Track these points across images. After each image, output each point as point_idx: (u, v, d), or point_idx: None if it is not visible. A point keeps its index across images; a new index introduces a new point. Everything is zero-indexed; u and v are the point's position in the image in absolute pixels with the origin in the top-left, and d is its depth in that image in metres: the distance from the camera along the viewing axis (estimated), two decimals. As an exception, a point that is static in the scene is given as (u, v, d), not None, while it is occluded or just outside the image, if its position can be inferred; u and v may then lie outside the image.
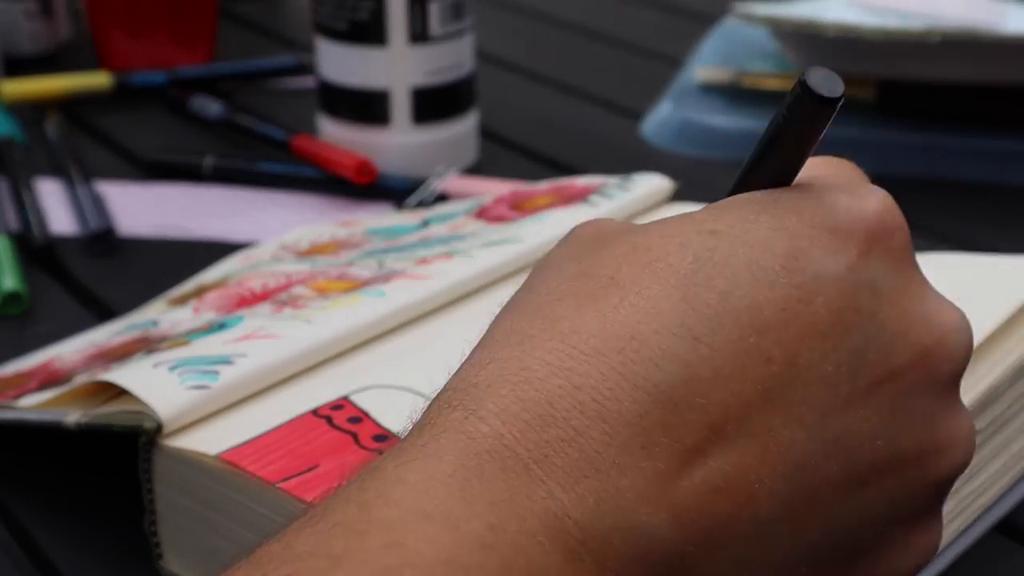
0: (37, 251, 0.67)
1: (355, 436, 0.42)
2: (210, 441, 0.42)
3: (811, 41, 0.77)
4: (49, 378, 0.50)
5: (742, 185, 0.33)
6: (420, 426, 0.30)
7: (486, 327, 0.32)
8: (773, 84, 0.80)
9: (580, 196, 0.57)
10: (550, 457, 0.28)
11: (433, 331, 0.48)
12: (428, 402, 0.31)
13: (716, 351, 0.29)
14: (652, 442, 0.28)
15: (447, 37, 0.72)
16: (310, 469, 0.40)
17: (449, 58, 0.73)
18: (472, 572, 0.26)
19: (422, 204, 0.70)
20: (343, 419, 0.42)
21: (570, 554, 0.27)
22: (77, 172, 0.74)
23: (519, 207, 0.58)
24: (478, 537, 0.27)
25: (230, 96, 0.87)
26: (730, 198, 0.32)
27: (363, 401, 0.43)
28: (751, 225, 0.31)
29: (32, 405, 0.47)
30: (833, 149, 0.81)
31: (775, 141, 0.32)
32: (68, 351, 0.53)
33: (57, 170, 0.76)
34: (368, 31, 0.71)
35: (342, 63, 0.73)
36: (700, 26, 0.94)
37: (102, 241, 0.68)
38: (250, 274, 0.56)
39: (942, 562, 0.43)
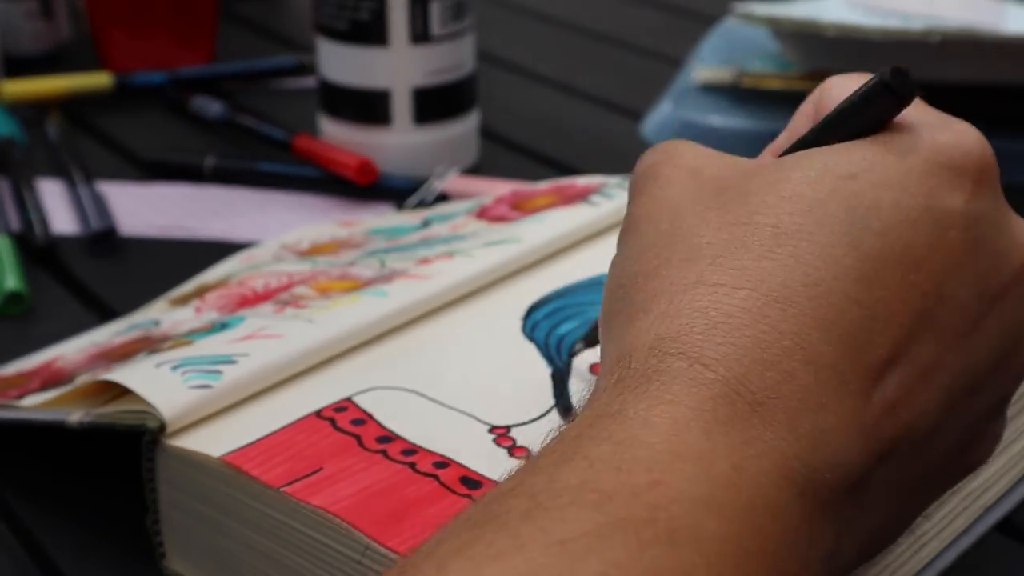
0: (38, 251, 0.67)
1: (359, 438, 0.42)
2: (213, 441, 0.42)
3: (811, 41, 0.77)
4: (51, 378, 0.50)
5: (819, 139, 0.35)
6: (645, 373, 0.31)
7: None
8: (773, 84, 0.80)
9: (581, 196, 0.57)
10: (771, 399, 0.30)
11: (435, 331, 0.48)
12: (621, 353, 0.32)
13: (885, 291, 0.32)
14: (847, 380, 0.31)
15: (448, 37, 0.72)
16: (314, 472, 0.40)
17: (450, 58, 0.73)
18: (724, 509, 0.28)
19: (423, 204, 0.70)
20: (346, 421, 0.42)
21: (797, 489, 0.30)
22: (78, 172, 0.74)
23: (519, 207, 0.58)
24: (726, 477, 0.29)
25: (231, 96, 0.87)
26: (839, 144, 0.34)
27: (366, 402, 0.43)
28: (883, 167, 0.33)
29: (34, 405, 0.47)
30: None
31: (842, 122, 0.34)
32: (70, 351, 0.53)
33: (58, 170, 0.76)
34: (369, 31, 0.71)
35: (343, 63, 0.73)
36: (700, 26, 0.94)
37: (103, 241, 0.68)
38: (251, 274, 0.56)
39: (942, 562, 0.43)
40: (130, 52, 0.90)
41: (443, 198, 0.70)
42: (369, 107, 0.73)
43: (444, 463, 0.40)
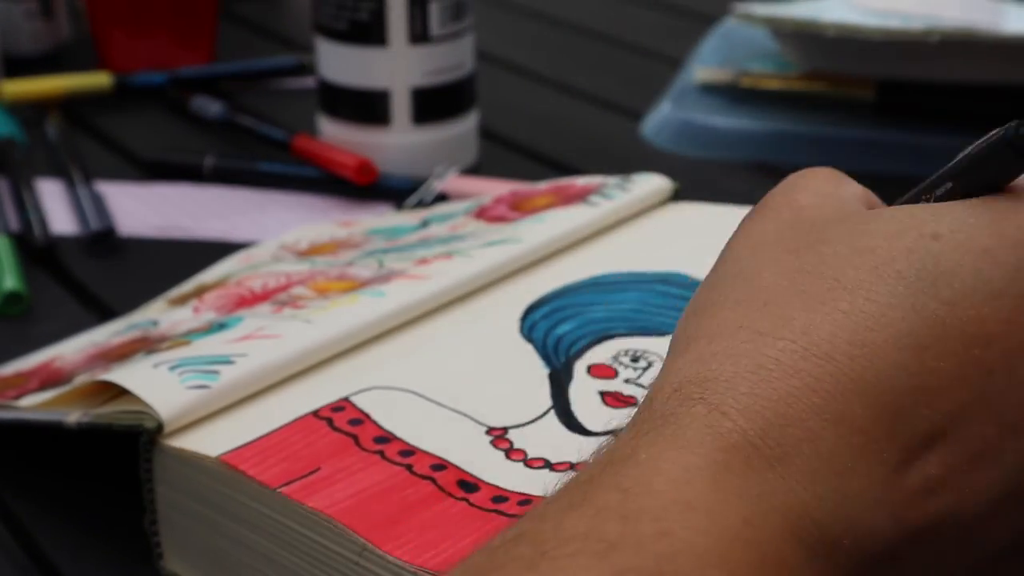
0: (38, 251, 0.67)
1: (356, 438, 0.42)
2: (211, 441, 0.42)
3: (811, 41, 0.77)
4: (49, 378, 0.50)
5: (934, 189, 0.34)
6: (663, 415, 0.30)
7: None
8: (773, 84, 0.80)
9: (580, 196, 0.57)
10: (790, 456, 0.29)
11: (433, 331, 0.48)
12: (653, 389, 0.31)
13: (942, 362, 0.30)
14: (880, 448, 0.29)
15: (447, 37, 0.72)
16: (311, 472, 0.40)
17: (449, 58, 0.73)
18: (733, 565, 0.27)
19: (422, 204, 0.70)
20: (344, 421, 0.42)
21: (810, 551, 0.29)
22: (77, 172, 0.74)
23: (518, 207, 0.58)
24: (735, 531, 0.28)
25: (230, 96, 0.87)
26: (941, 203, 0.32)
27: (364, 402, 0.43)
28: (973, 232, 0.31)
29: (33, 405, 0.47)
30: (833, 149, 0.81)
31: (974, 173, 0.33)
32: (68, 351, 0.53)
33: (57, 170, 0.76)
34: (368, 31, 0.71)
35: (342, 63, 0.73)
36: (700, 26, 0.94)
37: (102, 241, 0.68)
38: (250, 274, 0.56)
39: None
40: (130, 52, 0.90)
41: (442, 198, 0.70)
42: (368, 107, 0.73)
43: (442, 465, 0.40)
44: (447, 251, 0.53)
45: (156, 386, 0.43)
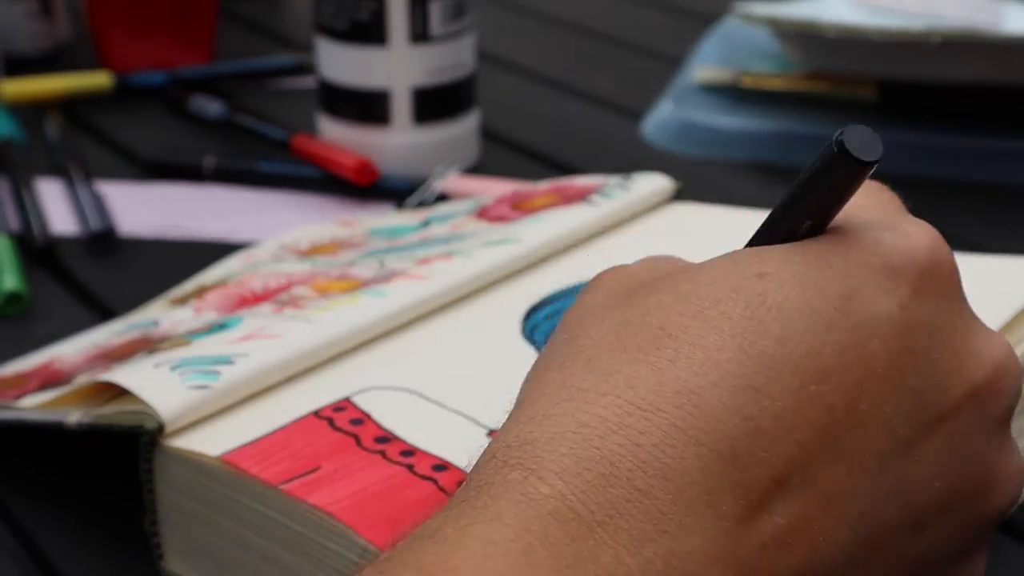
0: (37, 251, 0.67)
1: (357, 438, 0.41)
2: (211, 442, 0.42)
3: (812, 41, 0.77)
4: (50, 378, 0.50)
5: (769, 231, 0.32)
6: (477, 486, 0.28)
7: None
8: (774, 84, 0.80)
9: (581, 196, 0.57)
10: (614, 519, 0.27)
11: (433, 331, 0.48)
12: (479, 456, 0.30)
13: (777, 401, 0.28)
14: (718, 500, 0.27)
15: (448, 37, 0.72)
16: (312, 471, 0.40)
17: (450, 58, 0.73)
18: None
19: (423, 204, 0.70)
20: (345, 421, 0.42)
21: None
22: (77, 172, 0.74)
23: (519, 207, 0.58)
24: None
25: (230, 96, 0.87)
26: (767, 246, 0.31)
27: (364, 402, 0.43)
28: (799, 267, 0.30)
29: (33, 405, 0.47)
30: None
31: (806, 196, 0.31)
32: (69, 351, 0.53)
33: (57, 170, 0.76)
34: (369, 31, 0.71)
35: (343, 63, 0.73)
36: (700, 26, 0.94)
37: (102, 241, 0.68)
38: (251, 274, 0.56)
39: None
40: (130, 52, 0.90)
41: (443, 198, 0.70)
42: (368, 107, 0.73)
43: (443, 466, 0.40)
44: (448, 251, 0.53)
45: (157, 386, 0.43)
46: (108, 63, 0.90)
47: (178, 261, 0.64)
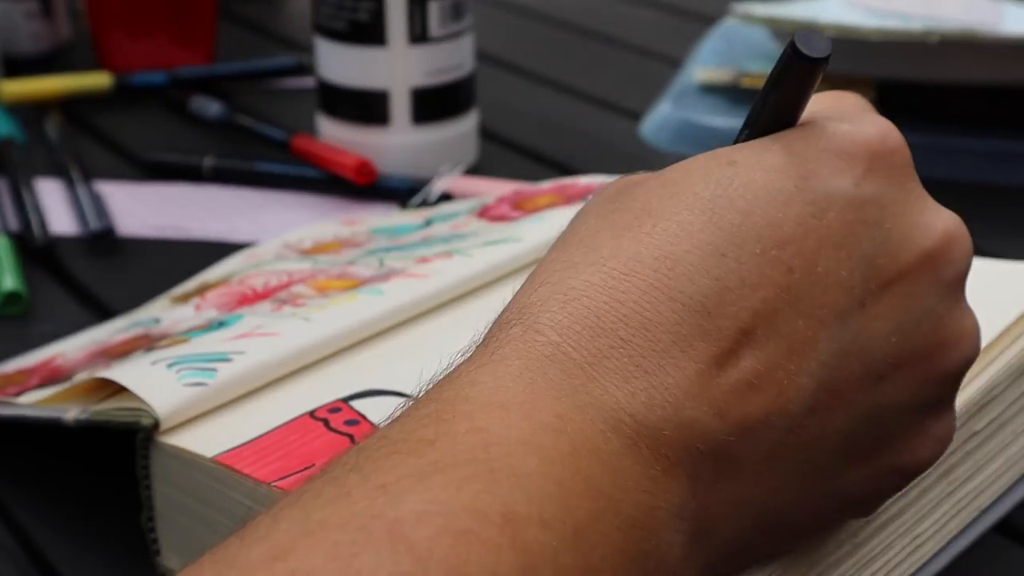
0: (37, 251, 0.67)
1: (352, 438, 0.42)
2: (207, 440, 0.42)
3: (810, 41, 0.77)
4: (50, 375, 0.50)
5: (743, 134, 0.35)
6: (484, 342, 0.33)
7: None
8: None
9: (582, 196, 0.57)
10: (602, 361, 0.31)
11: (431, 331, 0.48)
12: (489, 326, 0.34)
13: (742, 264, 0.32)
14: (690, 345, 0.31)
15: (447, 37, 0.72)
16: (305, 468, 0.40)
17: (449, 58, 0.73)
18: (546, 451, 0.29)
19: (425, 204, 0.70)
20: (340, 422, 0.43)
21: (627, 440, 0.30)
22: (77, 172, 0.74)
23: (520, 206, 0.58)
24: (548, 423, 0.30)
25: (230, 96, 0.87)
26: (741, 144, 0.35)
27: (360, 405, 0.43)
28: (766, 154, 0.33)
29: (32, 402, 0.47)
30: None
31: (770, 98, 0.34)
32: (70, 349, 0.54)
33: (57, 170, 0.76)
34: (368, 32, 0.71)
35: (342, 63, 0.73)
36: (700, 26, 0.94)
37: (102, 241, 0.68)
38: (252, 272, 0.56)
39: (940, 561, 0.43)
40: (130, 52, 0.90)
41: (446, 197, 0.70)
42: (368, 107, 0.73)
43: None
44: (447, 250, 0.53)
45: (153, 384, 0.44)
46: (108, 63, 0.90)
47: (178, 261, 0.64)
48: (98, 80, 0.88)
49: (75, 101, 0.87)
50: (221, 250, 0.65)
